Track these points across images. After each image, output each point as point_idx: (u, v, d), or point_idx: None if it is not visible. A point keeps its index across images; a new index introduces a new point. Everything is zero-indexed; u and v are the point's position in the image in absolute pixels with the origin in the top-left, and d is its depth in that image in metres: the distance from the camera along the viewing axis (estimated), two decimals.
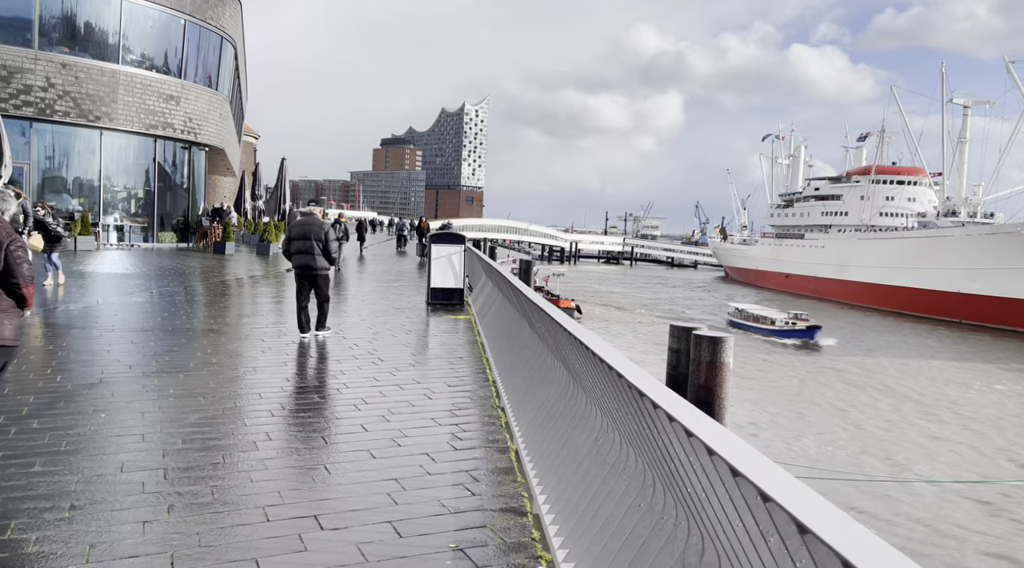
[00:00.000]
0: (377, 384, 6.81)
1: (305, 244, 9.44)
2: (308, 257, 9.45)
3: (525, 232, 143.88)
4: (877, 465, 20.47)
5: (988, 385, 32.99)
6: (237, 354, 8.11)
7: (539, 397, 5.01)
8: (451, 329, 10.87)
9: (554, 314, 5.33)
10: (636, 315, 56.54)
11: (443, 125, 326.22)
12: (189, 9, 25.30)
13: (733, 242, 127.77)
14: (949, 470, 20.36)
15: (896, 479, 19.30)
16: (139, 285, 14.78)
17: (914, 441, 22.91)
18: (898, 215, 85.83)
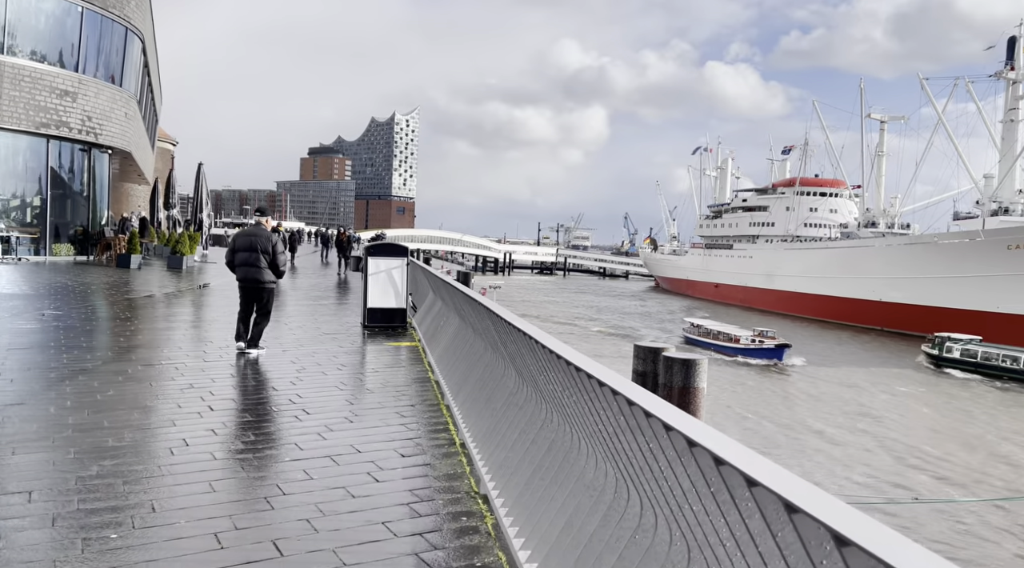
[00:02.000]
0: (300, 457, 5.01)
1: (251, 256, 9.05)
2: (254, 270, 9.06)
3: (459, 243, 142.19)
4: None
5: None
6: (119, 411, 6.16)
7: (554, 492, 3.39)
8: (393, 361, 9.09)
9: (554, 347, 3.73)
10: (583, 328, 55.58)
11: (373, 134, 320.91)
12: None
13: (663, 252, 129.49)
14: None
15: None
16: (19, 307, 12.39)
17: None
18: (821, 226, 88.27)
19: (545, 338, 3.55)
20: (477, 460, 4.62)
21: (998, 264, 52.90)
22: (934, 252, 59.71)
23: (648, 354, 12.95)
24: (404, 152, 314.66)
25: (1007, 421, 29.84)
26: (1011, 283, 51.95)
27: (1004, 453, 25.03)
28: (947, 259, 57.95)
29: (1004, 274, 52.56)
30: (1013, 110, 60.29)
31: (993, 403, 33.71)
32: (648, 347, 12.92)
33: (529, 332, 3.79)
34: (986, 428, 28.47)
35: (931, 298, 58.75)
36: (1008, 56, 60.36)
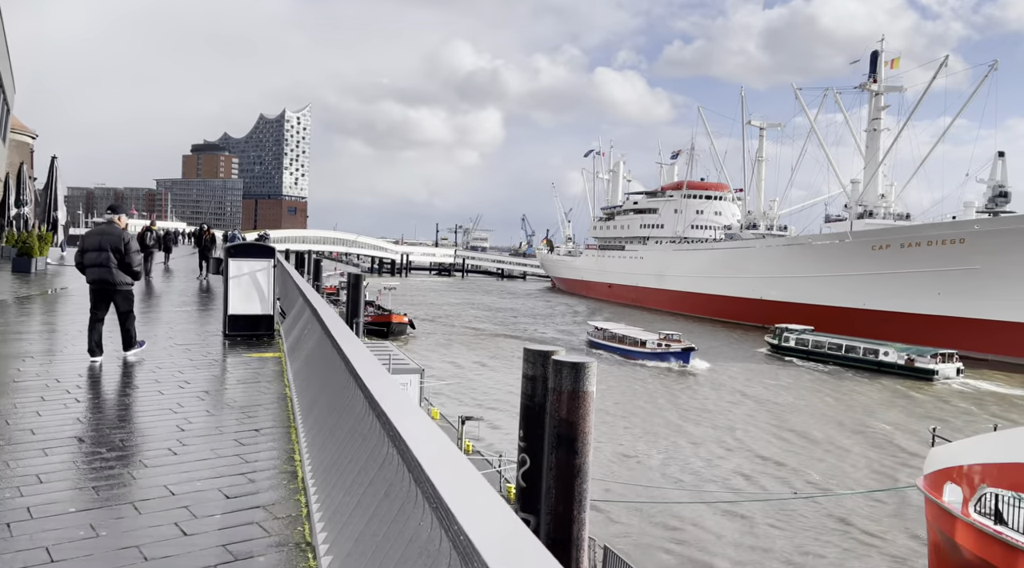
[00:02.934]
0: (91, 505, 4.08)
1: (100, 256, 8.51)
2: (104, 271, 8.53)
3: (354, 244, 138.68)
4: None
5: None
6: None
7: (387, 549, 2.70)
8: (250, 376, 8.09)
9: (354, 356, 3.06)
10: (479, 330, 54.99)
11: (262, 132, 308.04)
12: None
13: (559, 254, 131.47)
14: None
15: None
16: None
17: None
18: (707, 228, 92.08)
19: (362, 361, 2.86)
20: (313, 502, 3.86)
21: (864, 264, 56.69)
22: (808, 252, 63.38)
23: (538, 358, 12.48)
24: (295, 150, 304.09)
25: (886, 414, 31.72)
26: (875, 282, 55.79)
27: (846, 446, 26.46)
28: (820, 259, 61.61)
29: (870, 273, 56.37)
30: (876, 120, 64.85)
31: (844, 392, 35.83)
32: (538, 351, 12.46)
33: (344, 350, 3.09)
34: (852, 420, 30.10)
35: (806, 296, 62.29)
36: (871, 70, 64.91)
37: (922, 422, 27.74)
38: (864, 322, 55.85)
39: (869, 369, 41.47)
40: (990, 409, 32.55)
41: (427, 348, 43.68)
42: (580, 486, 11.46)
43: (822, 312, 59.49)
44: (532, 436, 12.48)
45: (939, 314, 51.30)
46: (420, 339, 47.73)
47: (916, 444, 24.78)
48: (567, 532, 11.43)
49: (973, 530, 11.43)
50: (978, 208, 52.89)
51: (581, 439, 11.57)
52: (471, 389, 33.08)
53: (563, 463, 11.50)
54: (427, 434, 2.42)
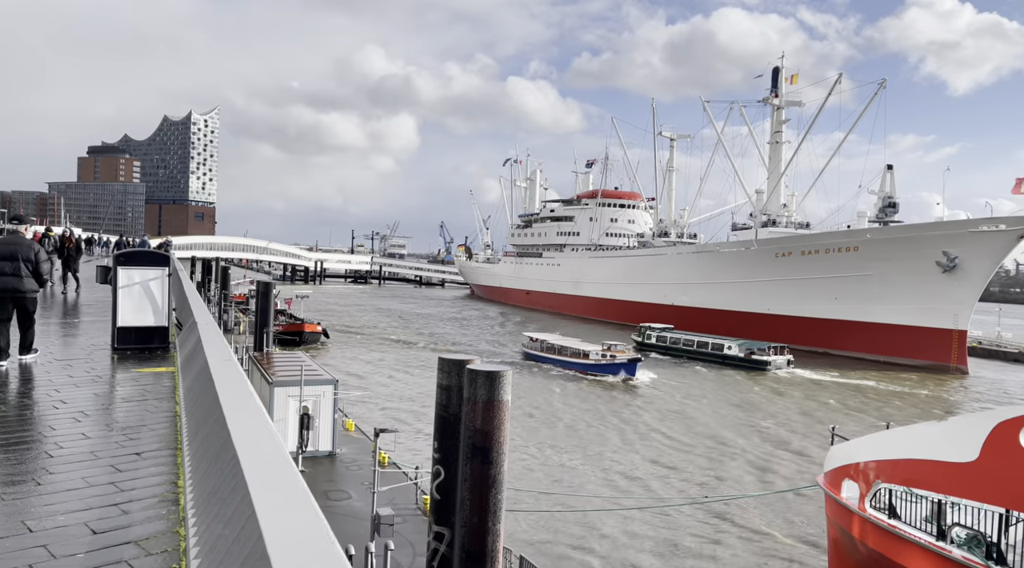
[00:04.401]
0: None
1: (12, 265, 8.94)
2: (15, 279, 8.96)
3: (265, 251, 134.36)
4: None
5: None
6: None
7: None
8: (139, 393, 7.49)
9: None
10: (392, 340, 54.01)
11: (166, 134, 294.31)
12: None
13: (478, 261, 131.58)
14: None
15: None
16: None
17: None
18: (621, 235, 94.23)
19: (227, 385, 2.60)
20: (192, 535, 3.52)
21: (769, 270, 59.27)
22: (717, 260, 65.79)
23: (453, 367, 12.24)
24: (203, 154, 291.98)
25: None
26: (779, 287, 58.41)
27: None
28: (727, 266, 64.02)
29: (774, 279, 58.98)
30: (778, 133, 68.04)
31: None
32: (453, 359, 12.21)
33: (214, 378, 2.82)
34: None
35: (714, 301, 64.60)
36: (773, 85, 68.10)
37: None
38: (767, 326, 58.35)
39: (715, 361, 46.18)
40: (801, 389, 38.80)
41: (342, 358, 42.59)
42: (495, 497, 11.28)
43: (729, 317, 61.76)
44: (446, 447, 12.23)
45: (835, 318, 54.17)
46: (334, 348, 46.51)
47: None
48: (482, 544, 11.22)
49: (869, 525, 11.94)
50: (870, 218, 56.23)
51: (496, 449, 11.40)
52: (387, 399, 32.43)
53: (478, 474, 11.29)
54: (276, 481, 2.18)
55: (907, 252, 49.35)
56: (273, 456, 2.19)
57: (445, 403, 12.36)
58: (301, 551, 1.60)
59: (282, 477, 2.06)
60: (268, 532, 1.64)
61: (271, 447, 2.39)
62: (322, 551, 1.60)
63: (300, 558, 1.58)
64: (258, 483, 1.79)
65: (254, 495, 1.80)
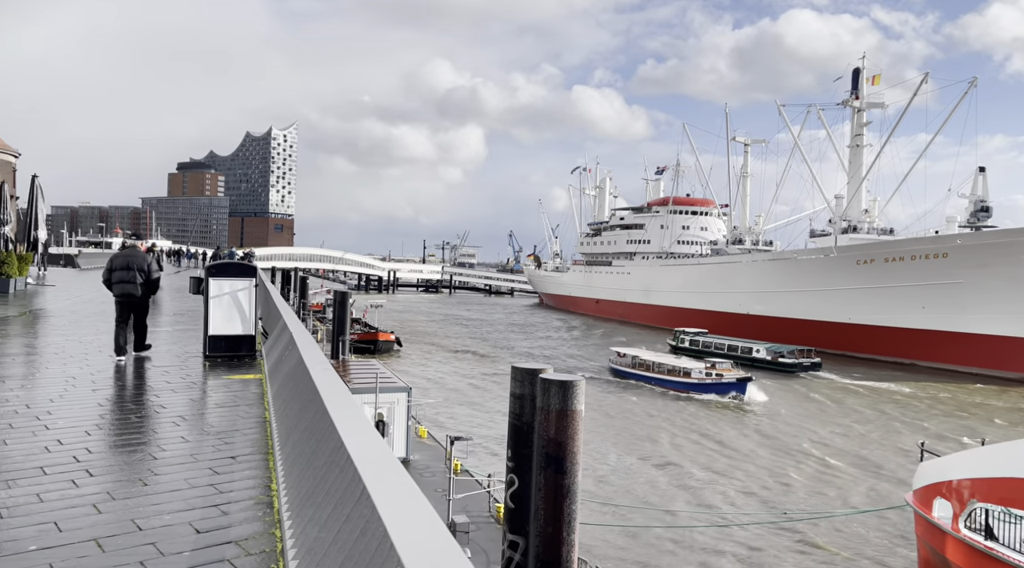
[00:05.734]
0: (54, 543, 3.89)
1: (128, 274, 10.25)
2: (131, 287, 10.25)
3: (340, 261, 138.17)
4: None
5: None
6: None
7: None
8: (230, 399, 7.88)
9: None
10: (463, 349, 54.64)
11: (248, 150, 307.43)
12: None
13: (547, 269, 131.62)
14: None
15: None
16: None
17: None
18: (693, 243, 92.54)
19: (332, 394, 2.72)
20: (288, 537, 3.69)
21: (849, 278, 57.04)
22: (794, 267, 63.79)
23: (525, 376, 12.32)
24: (282, 168, 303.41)
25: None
26: (860, 296, 56.12)
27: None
28: (805, 274, 61.97)
29: (854, 287, 56.72)
30: (859, 136, 65.56)
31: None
32: (526, 369, 12.30)
33: (316, 383, 2.95)
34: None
35: (791, 310, 62.58)
36: (853, 86, 65.72)
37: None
38: (848, 336, 56.09)
39: (744, 364, 45.09)
40: (822, 391, 38.84)
41: (414, 366, 43.34)
42: (569, 507, 11.25)
43: (808, 326, 59.73)
44: (520, 456, 12.29)
45: (924, 328, 51.62)
46: (407, 357, 47.39)
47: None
48: (556, 554, 11.21)
49: (963, 546, 11.34)
50: (960, 223, 53.45)
51: (570, 459, 11.38)
52: (459, 407, 32.80)
53: (552, 483, 11.30)
54: (399, 491, 2.27)
55: (1004, 258, 46.59)
56: (388, 462, 2.28)
57: (518, 412, 12.43)
58: (430, 557, 1.67)
59: (399, 482, 2.15)
60: (396, 537, 1.72)
61: (383, 452, 2.49)
62: (450, 554, 1.67)
63: (431, 561, 1.65)
64: (379, 488, 1.87)
65: (376, 499, 1.89)
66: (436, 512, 2.00)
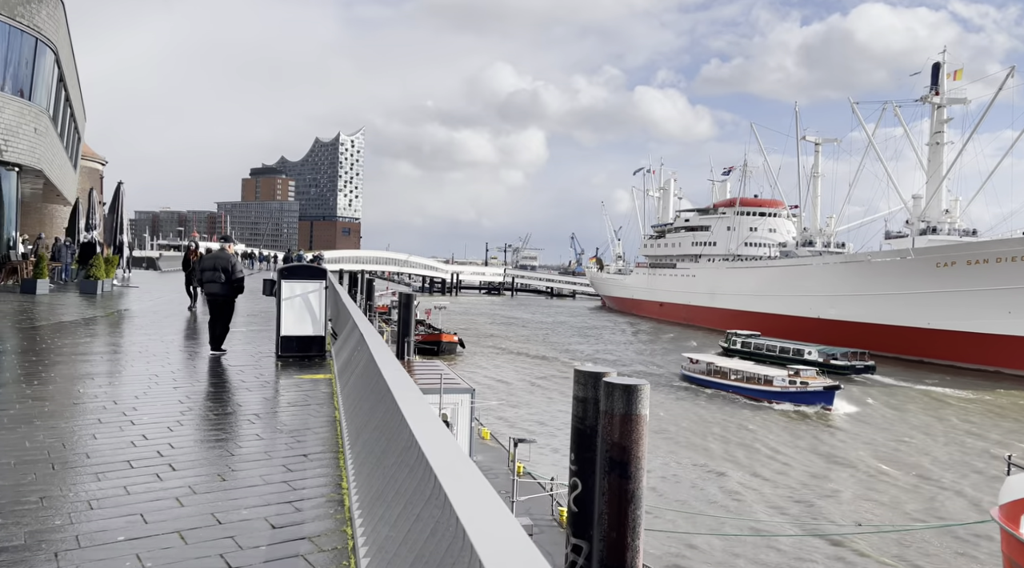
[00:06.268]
0: (140, 534, 4.08)
1: (215, 275, 10.97)
2: (217, 285, 10.96)
3: (405, 263, 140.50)
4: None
5: None
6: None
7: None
8: (300, 398, 8.11)
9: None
10: (525, 351, 54.76)
11: (317, 155, 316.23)
12: None
13: (609, 272, 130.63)
14: None
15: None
16: None
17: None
18: (761, 245, 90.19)
19: (403, 393, 2.76)
20: (359, 535, 3.76)
21: (928, 282, 54.54)
22: (868, 270, 61.41)
23: (589, 379, 12.25)
24: (349, 173, 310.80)
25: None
26: (940, 300, 53.58)
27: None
28: (880, 277, 59.58)
29: (934, 291, 54.18)
30: (939, 133, 62.66)
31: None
32: (589, 372, 12.23)
33: (388, 382, 2.99)
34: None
35: (866, 315, 60.25)
36: (933, 82, 62.85)
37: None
38: (927, 341, 53.61)
39: (796, 365, 43.59)
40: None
41: (477, 367, 43.66)
42: (634, 512, 11.10)
43: (883, 331, 57.41)
44: (583, 460, 12.21)
45: (1011, 334, 48.92)
46: (470, 358, 47.78)
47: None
48: (621, 559, 11.09)
49: None
50: None
51: (634, 464, 11.23)
52: (521, 409, 32.86)
53: (616, 488, 11.19)
54: (473, 489, 2.28)
55: None
56: (463, 463, 2.30)
57: (581, 415, 12.36)
58: (510, 557, 1.68)
59: (474, 483, 2.16)
60: (475, 537, 1.73)
61: (457, 453, 2.52)
62: (528, 554, 1.67)
63: (511, 561, 1.65)
64: (456, 489, 1.89)
65: (453, 500, 1.90)
66: (511, 513, 1.99)
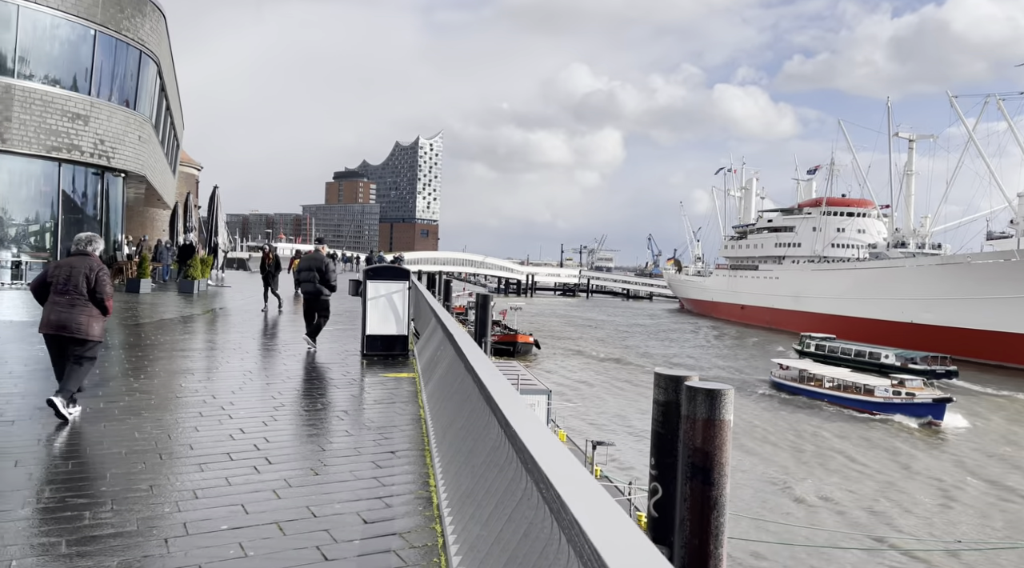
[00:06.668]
0: (241, 523, 4.25)
1: (310, 274, 11.73)
2: (311, 285, 11.70)
3: (481, 265, 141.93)
4: None
5: None
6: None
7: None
8: (385, 396, 8.29)
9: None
10: (602, 353, 54.35)
11: (397, 159, 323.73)
12: (100, 18, 22.50)
13: (688, 274, 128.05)
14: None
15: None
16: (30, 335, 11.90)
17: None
18: (849, 246, 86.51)
19: (504, 396, 2.76)
20: (449, 533, 3.80)
21: None
22: (967, 273, 57.92)
23: (669, 382, 12.03)
24: (428, 175, 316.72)
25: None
26: None
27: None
28: (981, 280, 56.10)
29: None
30: None
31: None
32: (669, 375, 12.02)
33: (487, 386, 3.01)
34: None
35: (966, 320, 56.84)
36: None
37: None
38: None
39: (872, 370, 42.24)
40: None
41: (553, 368, 43.60)
42: (717, 520, 10.82)
43: (982, 337, 54.05)
44: (663, 464, 11.98)
45: None
46: (545, 359, 47.78)
47: None
48: (703, 566, 10.87)
49: None
50: None
51: (718, 470, 10.93)
52: (597, 411, 32.61)
53: (698, 494, 10.92)
54: (575, 477, 2.25)
55: None
56: (571, 464, 2.29)
57: (661, 419, 12.12)
58: (632, 559, 1.65)
59: (586, 484, 2.14)
60: (597, 540, 1.71)
61: (564, 453, 2.51)
62: (650, 555, 1.64)
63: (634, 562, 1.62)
64: (572, 493, 1.87)
65: (571, 506, 1.89)
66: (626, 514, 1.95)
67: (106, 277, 6.54)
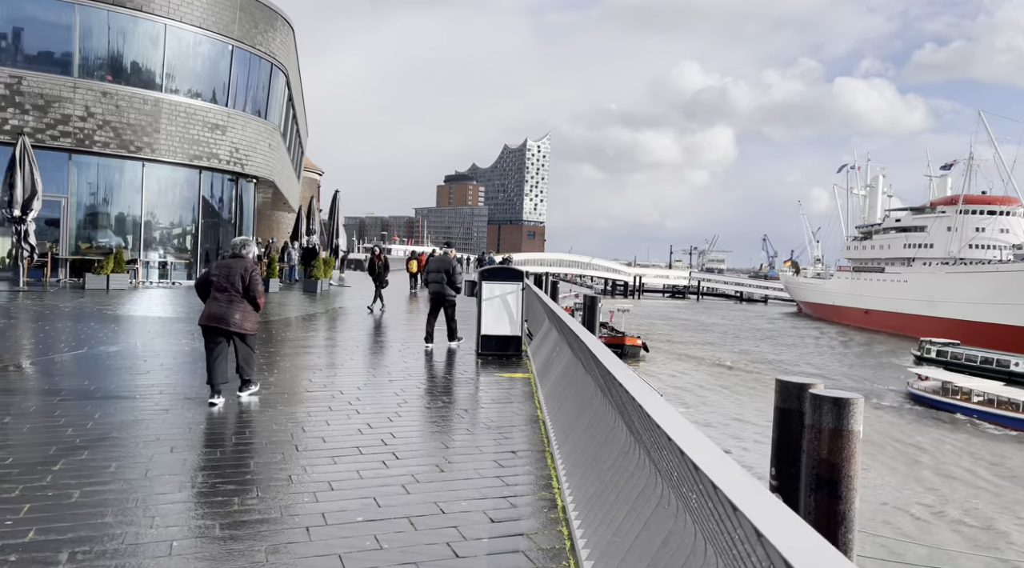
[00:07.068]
0: (375, 516, 4.40)
1: (438, 276, 12.32)
2: (439, 286, 12.28)
3: (588, 266, 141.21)
4: None
5: None
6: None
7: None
8: (502, 396, 8.37)
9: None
10: (714, 358, 52.73)
11: (505, 161, 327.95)
12: (237, 34, 24.15)
13: (806, 276, 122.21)
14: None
15: None
16: (179, 330, 12.96)
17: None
18: (990, 247, 79.81)
19: (645, 397, 2.69)
20: (578, 536, 3.77)
21: None
22: None
23: (792, 390, 11.49)
24: (535, 177, 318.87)
25: None
26: None
27: None
28: None
29: None
30: None
31: None
32: (792, 382, 11.49)
33: (628, 387, 2.95)
34: None
35: None
36: None
37: None
38: None
39: (1002, 378, 39.00)
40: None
41: (662, 372, 42.73)
42: (844, 535, 10.20)
43: None
44: (785, 474, 11.45)
45: None
46: (654, 363, 46.88)
47: None
48: None
49: None
50: None
51: (845, 483, 10.32)
52: (710, 417, 31.65)
53: (824, 507, 10.35)
54: (738, 481, 2.15)
55: None
56: (738, 472, 2.21)
57: (783, 428, 11.63)
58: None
59: (759, 494, 2.05)
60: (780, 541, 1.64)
61: (724, 459, 2.42)
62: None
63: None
64: (753, 508, 1.79)
65: (749, 515, 1.81)
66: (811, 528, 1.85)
67: (258, 277, 7.30)
